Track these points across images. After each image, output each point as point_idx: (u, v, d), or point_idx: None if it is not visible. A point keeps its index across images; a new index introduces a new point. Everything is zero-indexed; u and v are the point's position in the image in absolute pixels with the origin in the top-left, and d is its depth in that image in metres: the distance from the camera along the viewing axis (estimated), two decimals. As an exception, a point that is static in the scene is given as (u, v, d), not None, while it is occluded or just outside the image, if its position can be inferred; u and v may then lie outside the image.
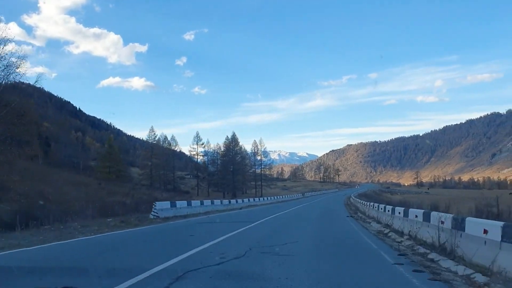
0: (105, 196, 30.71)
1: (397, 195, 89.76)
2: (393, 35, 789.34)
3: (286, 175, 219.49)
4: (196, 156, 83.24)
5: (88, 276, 6.13)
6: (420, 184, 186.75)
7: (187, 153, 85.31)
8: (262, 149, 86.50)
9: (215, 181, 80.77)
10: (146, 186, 75.30)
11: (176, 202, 24.62)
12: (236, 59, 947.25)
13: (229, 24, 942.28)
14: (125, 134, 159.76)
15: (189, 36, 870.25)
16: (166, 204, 22.35)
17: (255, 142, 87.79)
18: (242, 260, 7.51)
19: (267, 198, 55.31)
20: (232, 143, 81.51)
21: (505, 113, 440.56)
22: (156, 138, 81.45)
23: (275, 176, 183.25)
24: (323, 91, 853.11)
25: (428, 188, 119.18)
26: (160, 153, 79.76)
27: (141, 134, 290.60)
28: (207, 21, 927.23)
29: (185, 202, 26.81)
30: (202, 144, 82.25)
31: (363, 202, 30.95)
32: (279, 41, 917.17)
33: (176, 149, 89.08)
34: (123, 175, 79.69)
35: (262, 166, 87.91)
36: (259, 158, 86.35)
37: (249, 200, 44.14)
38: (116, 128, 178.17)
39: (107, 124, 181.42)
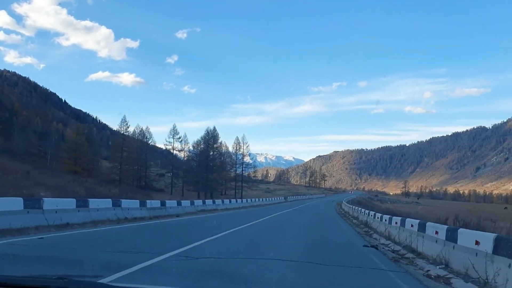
0: (25, 187, 23.04)
1: (388, 203, 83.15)
2: (384, 45, 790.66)
3: (271, 178, 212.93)
4: (172, 152, 75.38)
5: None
6: (407, 194, 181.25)
7: (164, 147, 77.17)
8: (245, 147, 78.83)
9: (189, 179, 72.70)
10: (115, 181, 67.23)
11: (122, 200, 18.05)
12: (227, 60, 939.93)
13: (222, 24, 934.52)
14: (110, 129, 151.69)
15: (181, 34, 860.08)
16: (105, 202, 16.22)
17: (237, 139, 79.84)
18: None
19: (246, 201, 48.05)
20: (211, 138, 73.70)
21: (490, 127, 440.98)
22: (129, 130, 73.41)
23: (260, 178, 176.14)
24: (312, 96, 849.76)
25: (418, 198, 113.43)
26: (132, 146, 71.79)
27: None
28: (200, 21, 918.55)
29: (137, 201, 19.99)
30: (179, 138, 73.97)
31: (364, 211, 23.90)
32: (271, 44, 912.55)
33: (153, 143, 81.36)
34: (90, 168, 72.16)
35: (244, 166, 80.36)
36: (241, 157, 78.98)
37: (223, 202, 36.76)
38: (102, 122, 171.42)
39: (93, 118, 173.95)
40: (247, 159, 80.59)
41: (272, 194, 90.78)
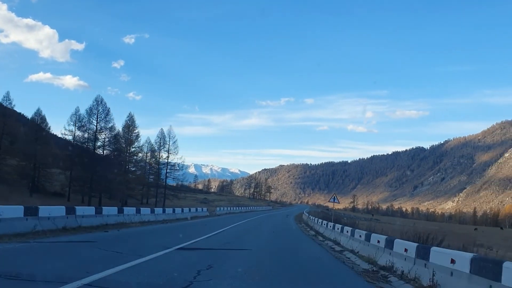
0: None
1: (344, 219, 67.94)
2: (330, 64, 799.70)
3: (214, 189, 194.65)
4: (73, 143, 54.62)
5: None
6: (353, 209, 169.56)
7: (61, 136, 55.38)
8: (172, 144, 60.08)
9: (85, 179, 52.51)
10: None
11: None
12: (175, 68, 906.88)
13: (171, 32, 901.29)
14: (47, 131, 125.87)
15: (129, 39, 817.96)
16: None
17: (161, 132, 61.26)
18: None
19: (164, 211, 30.02)
20: (125, 128, 54.69)
21: (428, 148, 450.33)
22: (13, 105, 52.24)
23: (201, 188, 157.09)
24: (260, 110, 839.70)
25: (372, 215, 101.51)
26: (18, 132, 51.20)
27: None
28: (149, 27, 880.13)
29: None
30: (83, 126, 52.74)
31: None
32: (221, 55, 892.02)
33: (54, 133, 60.62)
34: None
35: (170, 168, 61.56)
36: (166, 155, 60.14)
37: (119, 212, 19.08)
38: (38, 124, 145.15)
39: (27, 119, 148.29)
40: (174, 158, 61.48)
41: (208, 205, 72.96)
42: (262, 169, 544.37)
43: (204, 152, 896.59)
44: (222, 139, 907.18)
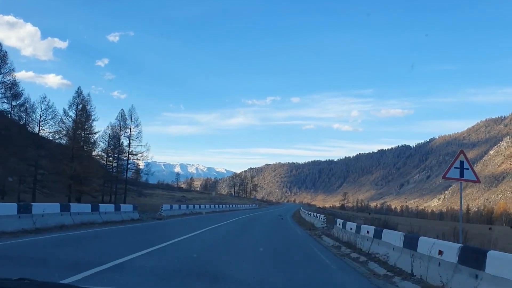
0: None
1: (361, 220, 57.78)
2: (315, 63, 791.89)
3: (198, 188, 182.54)
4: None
5: None
6: (344, 207, 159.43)
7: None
8: (134, 128, 48.04)
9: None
10: None
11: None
12: (161, 67, 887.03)
13: (157, 30, 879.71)
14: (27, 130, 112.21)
15: (113, 37, 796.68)
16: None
17: (122, 113, 49.01)
18: None
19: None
20: (73, 106, 42.72)
21: (414, 146, 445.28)
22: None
23: (183, 187, 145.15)
24: (246, 109, 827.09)
25: (369, 214, 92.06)
26: None
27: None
28: (134, 24, 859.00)
29: None
30: (24, 105, 40.85)
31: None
32: (207, 53, 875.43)
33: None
34: None
35: (132, 156, 49.45)
36: (127, 142, 47.87)
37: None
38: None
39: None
40: (137, 146, 49.09)
41: (187, 203, 61.68)
42: (248, 168, 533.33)
43: (190, 151, 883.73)
44: (208, 138, 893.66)
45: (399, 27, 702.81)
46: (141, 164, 47.39)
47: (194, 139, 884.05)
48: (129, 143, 46.60)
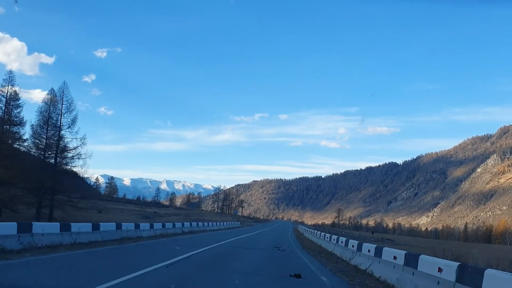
0: None
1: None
2: (303, 80, 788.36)
3: (180, 205, 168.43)
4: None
5: None
6: (333, 225, 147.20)
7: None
8: (65, 110, 34.12)
9: None
10: None
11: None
12: (148, 83, 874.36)
13: (144, 46, 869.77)
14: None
15: (100, 53, 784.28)
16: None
17: (51, 92, 34.82)
18: None
19: None
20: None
21: (401, 163, 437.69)
22: None
23: (166, 203, 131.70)
24: (233, 126, 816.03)
25: (372, 233, 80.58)
26: None
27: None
28: (121, 41, 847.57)
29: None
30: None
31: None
32: (194, 70, 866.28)
33: None
34: None
35: (65, 153, 35.19)
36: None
37: None
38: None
39: None
40: (72, 140, 35.55)
41: (151, 221, 49.29)
42: (236, 185, 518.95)
43: (177, 168, 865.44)
44: (195, 155, 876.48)
45: (382, 47, 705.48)
46: (76, 168, 33.49)
47: (180, 156, 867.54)
48: (59, 135, 33.30)
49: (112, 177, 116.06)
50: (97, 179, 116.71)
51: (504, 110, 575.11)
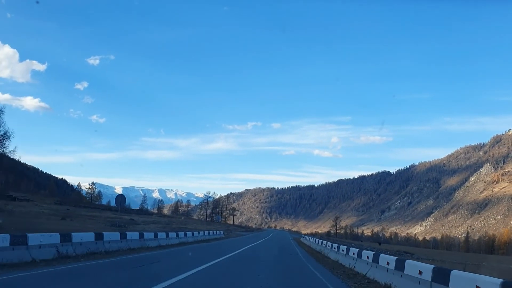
0: None
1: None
2: (296, 89, 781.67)
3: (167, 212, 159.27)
4: None
5: None
6: (330, 234, 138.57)
7: None
8: None
9: None
10: None
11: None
12: (141, 91, 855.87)
13: (137, 54, 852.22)
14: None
15: (93, 60, 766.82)
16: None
17: None
18: None
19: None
20: None
21: (394, 172, 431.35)
22: None
23: (155, 211, 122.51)
24: (226, 134, 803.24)
25: (379, 244, 72.84)
26: None
27: (24, 158, 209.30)
28: (115, 48, 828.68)
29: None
30: None
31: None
32: (188, 78, 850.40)
33: None
34: None
35: None
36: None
37: None
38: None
39: None
40: None
41: (123, 229, 40.44)
42: (228, 193, 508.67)
43: (169, 176, 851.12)
44: (188, 164, 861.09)
45: (375, 56, 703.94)
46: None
47: (173, 164, 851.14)
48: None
49: (93, 182, 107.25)
50: (91, 187, 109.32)
51: (496, 120, 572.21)
